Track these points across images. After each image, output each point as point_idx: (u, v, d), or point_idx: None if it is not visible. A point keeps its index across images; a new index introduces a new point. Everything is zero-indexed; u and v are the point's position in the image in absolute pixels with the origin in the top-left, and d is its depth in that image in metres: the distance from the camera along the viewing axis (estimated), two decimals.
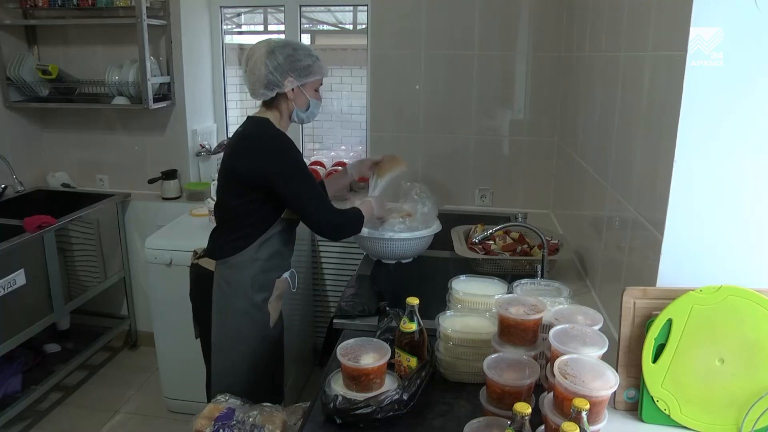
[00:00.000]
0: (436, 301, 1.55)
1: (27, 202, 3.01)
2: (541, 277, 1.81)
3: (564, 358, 1.13)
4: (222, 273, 1.84)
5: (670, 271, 1.24)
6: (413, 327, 1.32)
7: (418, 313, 1.33)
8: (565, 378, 1.06)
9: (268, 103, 1.84)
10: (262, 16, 3.51)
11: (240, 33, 3.61)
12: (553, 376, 1.10)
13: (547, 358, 1.26)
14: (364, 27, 3.21)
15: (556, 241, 2.05)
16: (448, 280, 1.56)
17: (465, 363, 1.37)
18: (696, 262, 1.23)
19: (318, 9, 3.29)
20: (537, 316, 1.28)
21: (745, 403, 1.15)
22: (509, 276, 1.90)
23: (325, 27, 3.48)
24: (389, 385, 1.29)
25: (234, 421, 1.50)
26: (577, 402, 0.96)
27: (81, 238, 2.85)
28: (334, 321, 1.73)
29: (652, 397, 1.19)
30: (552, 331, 1.23)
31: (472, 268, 2.01)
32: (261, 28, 3.62)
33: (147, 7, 2.78)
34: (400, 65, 2.80)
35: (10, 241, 2.39)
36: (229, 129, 3.42)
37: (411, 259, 2.20)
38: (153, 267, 2.56)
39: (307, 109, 1.86)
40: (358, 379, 1.26)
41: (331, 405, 1.22)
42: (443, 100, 2.82)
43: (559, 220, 2.62)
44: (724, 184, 1.18)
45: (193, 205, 2.99)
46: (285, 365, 2.07)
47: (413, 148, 2.87)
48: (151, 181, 3.13)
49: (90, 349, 3.00)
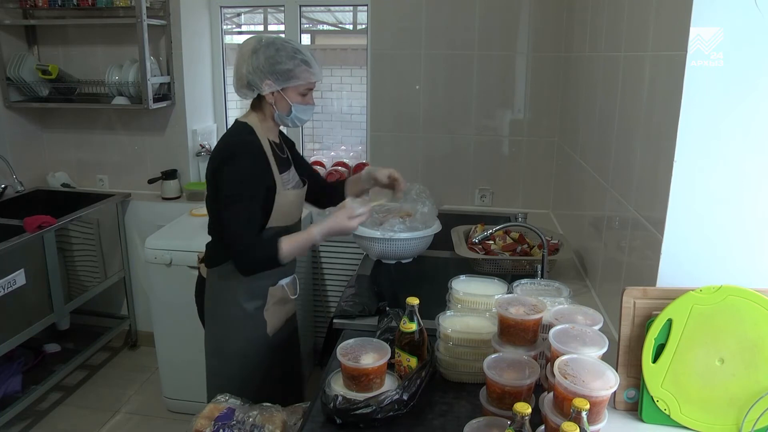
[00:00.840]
0: (436, 301, 1.55)
1: (27, 202, 3.01)
2: (541, 277, 1.81)
3: (564, 358, 1.13)
4: (212, 281, 1.81)
5: (670, 271, 1.24)
6: (413, 327, 1.32)
7: (418, 313, 1.33)
8: (565, 378, 1.06)
9: (253, 104, 1.77)
10: (262, 16, 3.50)
11: (240, 33, 3.61)
12: (553, 376, 1.10)
13: (547, 358, 1.26)
14: (364, 27, 3.21)
15: (556, 241, 2.05)
16: (448, 280, 1.56)
17: (465, 363, 1.37)
18: (696, 262, 1.23)
19: (318, 9, 3.29)
20: (537, 316, 1.28)
21: (745, 403, 1.15)
22: (509, 276, 1.90)
23: (325, 27, 3.48)
24: (389, 385, 1.29)
25: (234, 421, 1.50)
26: (577, 402, 0.96)
27: (81, 238, 2.85)
28: (334, 321, 1.73)
29: (652, 397, 1.19)
30: (552, 331, 1.23)
31: (472, 268, 2.01)
32: (261, 28, 3.62)
33: (147, 7, 2.78)
34: (400, 65, 2.80)
35: (10, 241, 2.39)
36: None
37: (411, 259, 2.20)
38: (153, 267, 2.56)
39: (289, 114, 1.73)
40: (358, 379, 1.25)
41: (331, 405, 1.22)
42: (443, 100, 2.82)
43: (559, 220, 2.62)
44: (724, 183, 1.18)
45: (193, 205, 2.99)
46: (300, 367, 2.04)
47: (413, 148, 2.87)
48: (151, 181, 3.13)
49: (90, 349, 3.00)
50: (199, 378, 2.02)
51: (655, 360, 1.18)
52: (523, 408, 0.96)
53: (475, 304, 1.48)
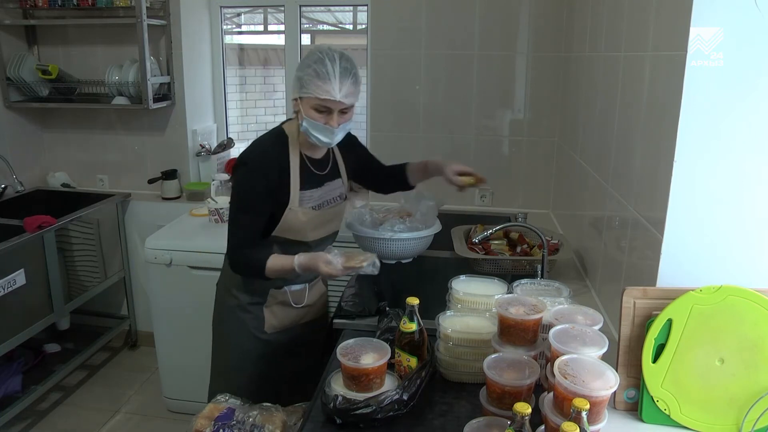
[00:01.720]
0: (436, 301, 1.55)
1: (27, 202, 3.01)
2: (541, 277, 1.81)
3: (564, 358, 1.13)
4: (223, 267, 1.91)
5: (670, 271, 1.24)
6: (413, 327, 1.32)
7: (418, 313, 1.33)
8: (565, 378, 1.06)
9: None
10: (262, 16, 3.51)
11: (240, 33, 3.62)
12: (553, 376, 1.10)
13: (547, 358, 1.26)
14: (364, 27, 3.21)
15: (556, 241, 2.05)
16: (448, 280, 1.56)
17: (465, 363, 1.37)
18: (696, 262, 1.23)
19: (318, 9, 3.30)
20: (537, 316, 1.28)
21: (745, 403, 1.15)
22: (509, 276, 1.90)
23: (325, 27, 3.48)
24: (389, 385, 1.29)
25: (234, 421, 1.50)
26: (577, 402, 0.96)
27: (81, 238, 2.85)
28: (334, 321, 1.73)
29: (652, 397, 1.19)
30: (552, 331, 1.23)
31: (472, 268, 2.01)
32: (261, 28, 3.63)
33: (147, 7, 2.78)
34: (400, 65, 2.80)
35: (10, 241, 2.39)
36: (229, 129, 3.42)
37: (411, 259, 2.20)
38: (153, 267, 2.56)
39: (302, 126, 1.65)
40: (358, 379, 1.25)
41: (331, 405, 1.22)
42: (443, 100, 2.82)
43: (559, 220, 2.62)
44: (724, 184, 1.18)
45: (193, 205, 2.99)
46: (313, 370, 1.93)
47: (413, 148, 2.87)
48: (151, 181, 3.13)
49: (90, 349, 3.00)
50: (199, 378, 2.02)
51: (655, 360, 1.18)
52: (523, 408, 0.96)
53: (475, 304, 1.48)
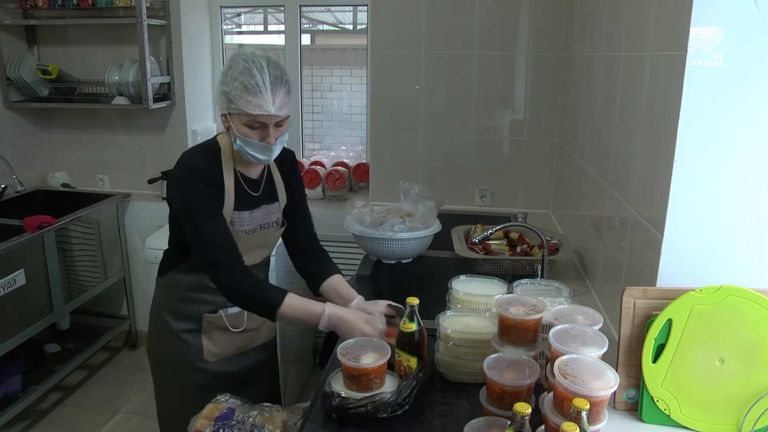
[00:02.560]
0: (436, 301, 1.54)
1: (27, 202, 3.01)
2: (541, 277, 1.81)
3: (564, 358, 1.13)
4: (156, 288, 1.73)
5: (670, 271, 1.24)
6: (413, 327, 1.32)
7: (418, 313, 1.33)
8: (565, 378, 1.06)
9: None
10: (262, 16, 3.51)
11: (240, 33, 3.62)
12: (553, 376, 1.10)
13: (547, 358, 1.25)
14: (364, 27, 3.21)
15: (556, 241, 2.05)
16: (448, 280, 1.56)
17: (465, 363, 1.37)
18: (696, 262, 1.23)
19: (318, 9, 3.30)
20: (537, 316, 1.28)
21: (745, 403, 1.15)
22: (509, 276, 1.90)
23: (325, 27, 3.48)
24: (389, 385, 1.29)
25: (234, 421, 1.50)
26: (577, 402, 0.96)
27: (81, 238, 2.85)
28: None
29: (652, 397, 1.19)
30: (552, 331, 1.23)
31: (472, 268, 2.01)
32: (261, 28, 3.62)
33: (147, 7, 2.78)
34: (400, 65, 2.80)
35: (10, 241, 2.39)
36: None
37: (411, 259, 2.20)
38: (153, 267, 2.52)
39: (235, 144, 1.46)
40: (358, 378, 1.25)
41: (332, 404, 1.22)
42: (443, 100, 2.82)
43: (559, 220, 2.62)
44: (724, 184, 1.18)
45: None
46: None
47: (413, 148, 2.87)
48: (151, 181, 3.13)
49: (90, 349, 3.00)
50: None
51: (655, 360, 1.18)
52: (523, 408, 0.96)
53: (475, 304, 1.48)
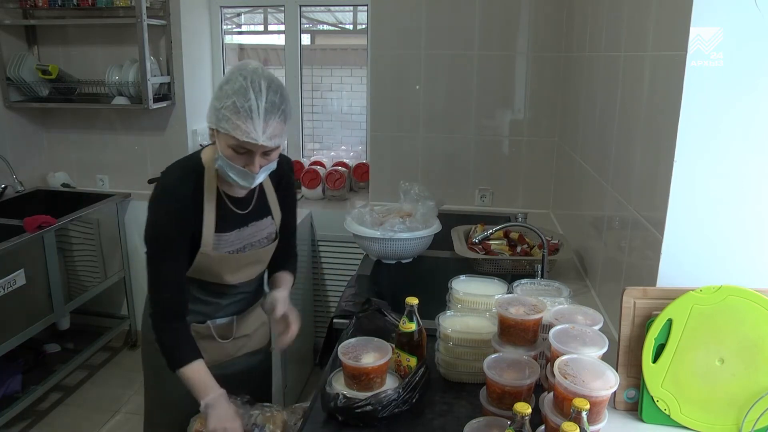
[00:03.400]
0: (436, 301, 1.55)
1: (27, 202, 3.01)
2: (541, 277, 1.81)
3: (564, 358, 1.13)
4: (147, 297, 1.68)
5: (670, 271, 1.24)
6: (412, 327, 1.32)
7: (417, 313, 1.33)
8: (565, 378, 1.06)
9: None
10: (262, 16, 3.51)
11: (240, 33, 3.62)
12: (553, 376, 1.10)
13: (547, 358, 1.26)
14: (364, 27, 3.21)
15: (556, 241, 2.05)
16: (448, 280, 1.56)
17: (465, 363, 1.37)
18: (696, 262, 1.23)
19: (318, 9, 3.30)
20: (537, 316, 1.28)
21: (745, 403, 1.15)
22: (509, 276, 1.90)
23: (325, 27, 3.48)
24: (390, 385, 1.29)
25: None
26: (577, 402, 0.96)
27: (81, 238, 2.85)
28: (335, 321, 1.73)
29: (652, 397, 1.19)
30: (552, 331, 1.23)
31: (472, 268, 2.01)
32: (261, 28, 3.63)
33: (147, 7, 2.78)
34: (400, 65, 2.80)
35: (10, 241, 2.39)
36: None
37: (411, 259, 2.20)
38: None
39: (217, 162, 1.40)
40: (359, 378, 1.26)
41: (332, 404, 1.22)
42: (443, 100, 2.82)
43: (559, 220, 2.62)
44: (724, 183, 1.18)
45: None
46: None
47: (413, 148, 2.87)
48: (151, 181, 3.12)
49: (90, 349, 3.00)
50: None
51: (655, 360, 1.18)
52: (523, 408, 0.96)
53: (475, 304, 1.48)
